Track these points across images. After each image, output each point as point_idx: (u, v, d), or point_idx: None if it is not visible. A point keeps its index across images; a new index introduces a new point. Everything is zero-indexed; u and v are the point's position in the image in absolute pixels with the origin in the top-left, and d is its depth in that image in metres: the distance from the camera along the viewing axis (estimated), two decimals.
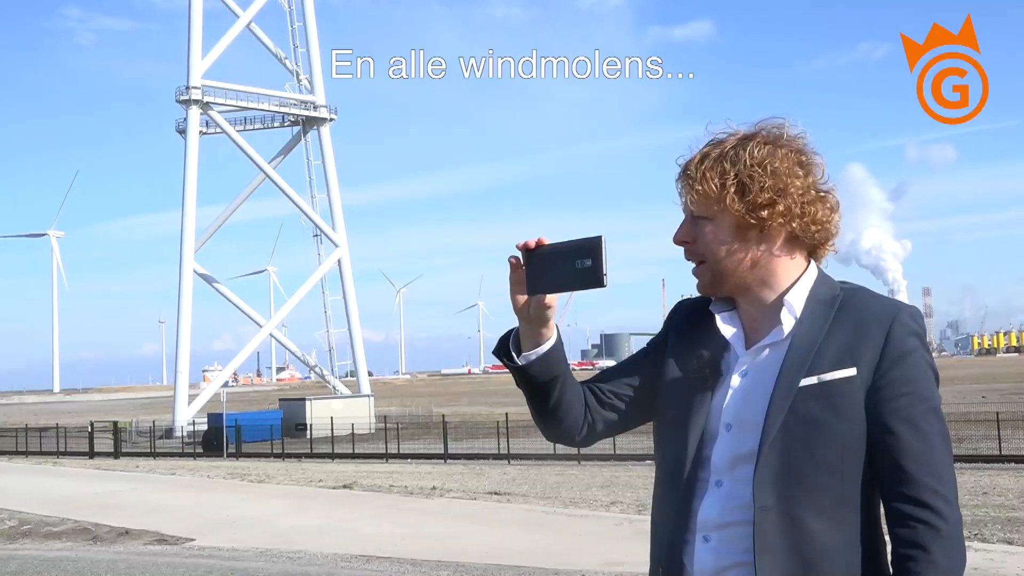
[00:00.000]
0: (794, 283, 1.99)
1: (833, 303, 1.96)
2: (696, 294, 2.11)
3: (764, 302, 2.01)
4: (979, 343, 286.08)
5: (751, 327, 2.03)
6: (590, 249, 1.94)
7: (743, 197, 1.95)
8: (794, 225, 1.96)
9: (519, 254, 2.03)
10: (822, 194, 1.99)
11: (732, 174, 1.96)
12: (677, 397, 2.06)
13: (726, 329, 2.04)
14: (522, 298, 2.03)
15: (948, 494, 1.86)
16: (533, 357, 2.06)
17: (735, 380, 1.99)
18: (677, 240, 2.05)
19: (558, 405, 2.11)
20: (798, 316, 1.96)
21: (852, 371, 1.88)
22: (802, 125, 2.02)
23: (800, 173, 1.97)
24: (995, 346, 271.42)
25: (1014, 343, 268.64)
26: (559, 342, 2.09)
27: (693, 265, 2.06)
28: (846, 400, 1.88)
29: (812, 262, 2.03)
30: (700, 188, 1.98)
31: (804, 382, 1.89)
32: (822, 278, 2.02)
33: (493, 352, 2.17)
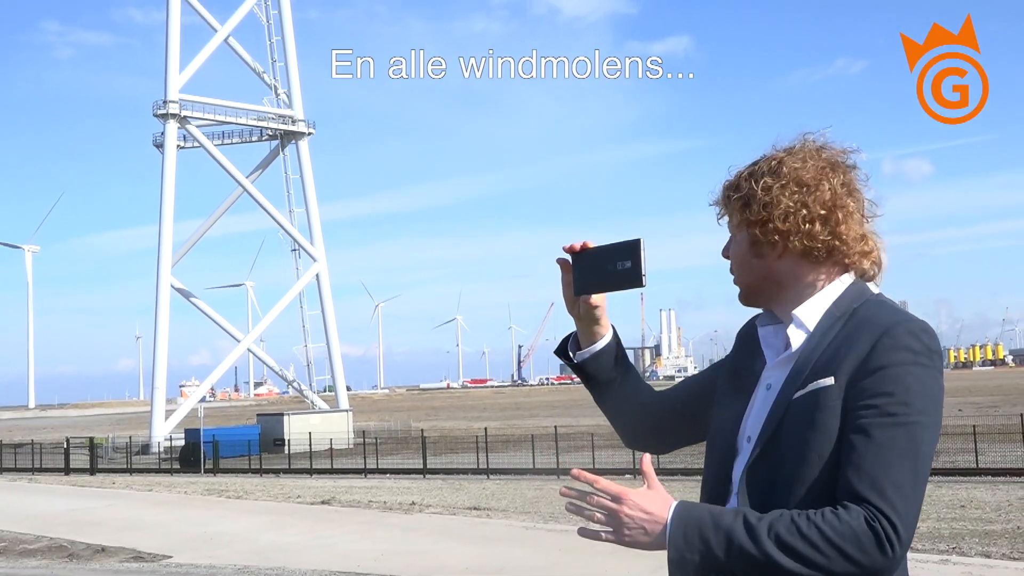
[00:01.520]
0: (811, 298, 2.00)
1: (843, 317, 1.95)
2: (663, 312, 2.17)
3: (789, 318, 2.03)
4: (955, 357, 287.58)
5: (787, 341, 2.04)
6: (629, 251, 2.07)
7: (743, 214, 2.03)
8: (793, 242, 1.99)
9: (566, 257, 2.17)
10: (823, 213, 1.99)
11: (744, 192, 2.04)
12: (719, 411, 2.11)
13: (764, 343, 2.08)
14: (572, 299, 2.17)
15: (887, 510, 1.75)
16: (587, 355, 2.24)
17: (760, 394, 2.02)
18: (723, 255, 2.13)
19: (621, 407, 2.27)
20: (810, 330, 1.96)
21: (830, 380, 1.87)
22: (832, 136, 2.07)
23: (796, 190, 2.00)
24: (971, 359, 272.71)
25: (989, 356, 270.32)
26: (614, 343, 2.25)
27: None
28: (825, 412, 1.86)
29: (845, 279, 2.03)
30: (724, 208, 2.10)
31: (796, 394, 1.90)
32: (849, 293, 2.00)
33: (555, 351, 2.35)
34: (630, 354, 2.36)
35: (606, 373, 2.24)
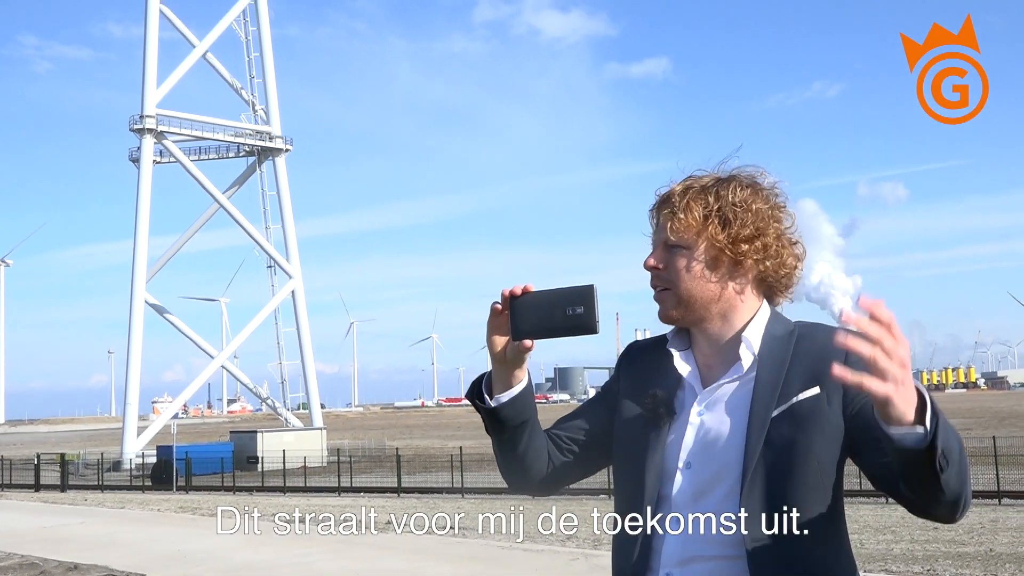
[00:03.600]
0: (750, 321, 2.05)
1: (790, 337, 2.01)
2: (639, 332, 2.16)
3: (721, 338, 2.06)
4: (928, 379, 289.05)
5: (705, 364, 2.08)
6: (582, 297, 1.98)
7: (725, 230, 2.01)
8: (768, 265, 2.04)
9: (501, 300, 2.07)
10: (793, 241, 2.08)
11: (715, 207, 2.02)
12: (632, 438, 2.09)
13: (683, 367, 2.08)
14: (500, 341, 2.07)
15: None
16: (505, 399, 2.10)
17: (693, 418, 2.02)
18: (649, 265, 2.07)
19: (526, 451, 2.16)
20: (756, 352, 2.01)
21: (816, 390, 1.93)
22: (776, 174, 2.10)
23: (779, 217, 2.06)
24: (944, 382, 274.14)
25: (962, 379, 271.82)
26: (530, 385, 2.14)
27: (654, 293, 2.09)
28: (814, 416, 1.92)
29: (766, 303, 2.09)
30: (682, 217, 2.03)
31: (776, 411, 1.94)
32: (775, 316, 2.08)
33: (466, 395, 2.21)
34: (605, 374, 2.34)
35: (520, 416, 2.11)
